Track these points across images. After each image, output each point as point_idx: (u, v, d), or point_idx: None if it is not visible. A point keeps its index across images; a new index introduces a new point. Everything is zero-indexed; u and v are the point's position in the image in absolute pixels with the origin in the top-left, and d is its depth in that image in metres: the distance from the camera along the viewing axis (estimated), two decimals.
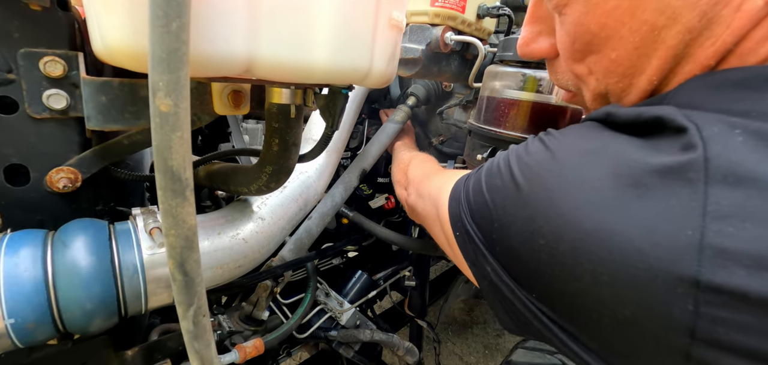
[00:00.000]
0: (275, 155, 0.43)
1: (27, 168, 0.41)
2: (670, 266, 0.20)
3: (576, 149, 0.26)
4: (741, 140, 0.20)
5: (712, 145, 0.20)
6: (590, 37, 0.29)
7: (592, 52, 0.30)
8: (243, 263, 0.47)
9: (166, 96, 0.21)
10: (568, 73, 0.34)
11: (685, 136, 0.21)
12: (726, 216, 0.19)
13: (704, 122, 0.22)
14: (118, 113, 0.36)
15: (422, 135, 0.99)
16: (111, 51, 0.24)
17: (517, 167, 0.29)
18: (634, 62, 0.28)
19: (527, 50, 0.37)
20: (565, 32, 0.31)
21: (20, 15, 0.37)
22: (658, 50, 0.26)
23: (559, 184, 0.25)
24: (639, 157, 0.23)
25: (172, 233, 0.23)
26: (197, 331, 0.27)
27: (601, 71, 0.30)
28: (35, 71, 0.38)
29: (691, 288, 0.19)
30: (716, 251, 0.19)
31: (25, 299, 0.32)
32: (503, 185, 0.29)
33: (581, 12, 0.29)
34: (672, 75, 0.27)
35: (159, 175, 0.22)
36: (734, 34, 0.24)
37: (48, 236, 0.36)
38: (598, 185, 0.23)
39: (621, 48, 0.28)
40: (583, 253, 0.23)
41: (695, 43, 0.25)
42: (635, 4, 0.26)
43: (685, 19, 0.24)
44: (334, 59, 0.30)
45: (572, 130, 0.29)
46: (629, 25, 0.26)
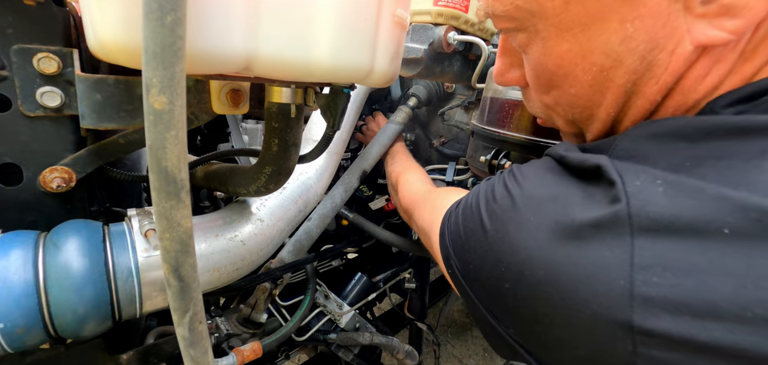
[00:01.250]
0: (275, 155, 0.42)
1: (20, 167, 0.40)
2: (608, 313, 0.22)
3: (534, 198, 0.29)
4: (662, 192, 0.22)
5: (634, 198, 0.23)
6: (550, 75, 0.32)
7: (554, 87, 0.33)
8: (241, 265, 0.46)
9: (160, 93, 0.20)
10: (537, 103, 0.37)
11: (613, 189, 0.24)
12: (649, 266, 0.21)
13: (629, 175, 0.24)
14: (114, 112, 0.35)
15: (423, 136, 0.98)
16: (104, 46, 0.23)
17: (485, 211, 0.32)
18: (591, 97, 0.31)
19: (502, 80, 0.40)
20: (530, 68, 0.34)
21: (14, 10, 0.36)
22: (609, 88, 0.29)
23: (517, 234, 0.28)
24: (579, 210, 0.25)
25: (167, 236, 0.22)
26: (193, 338, 0.26)
27: (565, 104, 0.33)
28: (29, 68, 0.37)
29: (628, 332, 0.21)
30: (644, 299, 0.21)
31: (14, 303, 0.31)
32: (475, 229, 0.32)
33: (540, 53, 0.31)
34: (626, 108, 0.30)
35: (153, 175, 0.21)
36: (673, 74, 0.27)
37: (40, 237, 0.35)
38: (547, 236, 0.26)
39: (578, 85, 0.31)
40: (540, 299, 0.25)
41: (641, 81, 0.28)
42: (585, 49, 0.28)
43: (628, 62, 0.27)
44: (336, 57, 0.29)
45: (533, 172, 0.31)
46: (581, 66, 0.29)
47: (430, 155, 0.97)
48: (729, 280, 0.19)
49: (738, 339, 0.19)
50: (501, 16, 0.32)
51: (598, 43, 0.28)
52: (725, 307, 0.19)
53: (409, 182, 0.70)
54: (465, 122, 0.85)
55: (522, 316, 0.27)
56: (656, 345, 0.21)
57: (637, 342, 0.21)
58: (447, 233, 0.38)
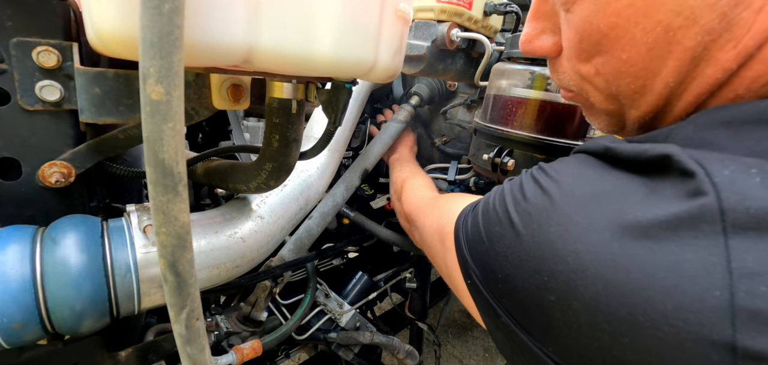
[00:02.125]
0: (275, 151, 0.41)
1: (18, 162, 0.39)
2: (700, 330, 0.18)
3: (576, 195, 0.25)
4: (759, 182, 0.19)
5: (726, 191, 0.19)
6: (599, 37, 0.27)
7: (601, 52, 0.28)
8: (241, 263, 0.45)
9: (157, 83, 0.19)
10: (571, 73, 0.32)
11: (693, 181, 0.20)
12: (755, 274, 0.17)
13: (713, 165, 0.20)
14: (113, 106, 0.35)
15: (425, 135, 0.97)
16: (102, 38, 0.23)
17: (515, 212, 0.27)
18: (648, 64, 0.26)
19: (529, 47, 0.35)
20: (572, 30, 0.29)
21: (13, 3, 0.36)
22: (673, 52, 0.25)
23: (561, 235, 0.24)
24: (644, 206, 0.21)
25: (163, 231, 0.22)
26: (190, 335, 0.26)
27: (610, 73, 0.28)
28: (28, 61, 0.37)
29: (727, 355, 0.17)
30: (751, 315, 0.17)
31: (11, 298, 0.30)
32: (502, 232, 0.28)
33: (590, 10, 0.27)
34: (690, 78, 0.25)
35: (149, 168, 0.21)
36: (756, 38, 0.22)
37: (37, 232, 0.35)
38: (604, 238, 0.22)
39: (632, 49, 0.26)
40: (600, 313, 0.21)
41: (715, 45, 0.23)
42: (649, 4, 0.24)
43: (704, 20, 0.23)
44: (338, 51, 0.29)
45: (569, 168, 0.27)
46: (642, 25, 0.25)
47: (432, 154, 0.97)
48: None
49: None
50: None
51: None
52: None
53: (415, 188, 0.67)
54: (467, 120, 0.85)
55: (570, 334, 0.23)
56: None
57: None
58: (463, 238, 0.33)
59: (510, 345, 0.29)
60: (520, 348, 0.27)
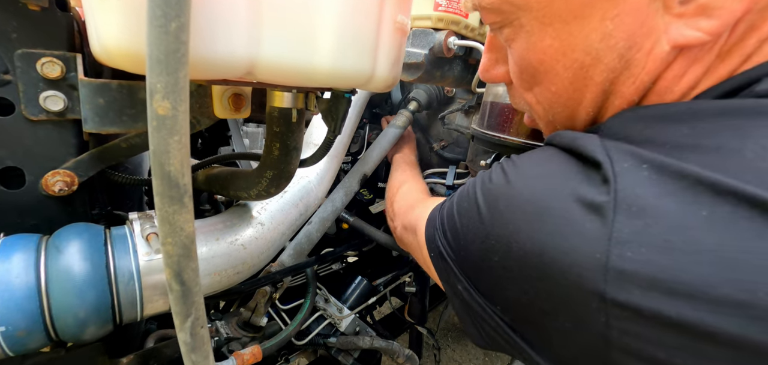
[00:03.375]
0: (276, 159, 0.42)
1: (22, 171, 0.40)
2: (584, 284, 0.23)
3: (526, 176, 0.29)
4: (646, 175, 0.23)
5: (621, 179, 0.23)
6: (533, 71, 0.32)
7: (537, 83, 0.33)
8: (242, 269, 0.46)
9: (164, 98, 0.20)
10: (520, 100, 0.37)
11: (602, 170, 0.24)
12: (626, 242, 0.22)
13: (618, 157, 0.24)
14: (116, 116, 0.36)
15: (423, 140, 0.98)
16: (108, 52, 0.23)
17: (480, 192, 0.32)
18: (571, 94, 0.31)
19: (487, 76, 0.40)
20: (514, 63, 0.34)
21: (18, 15, 0.36)
22: (588, 86, 0.30)
23: (508, 208, 0.28)
24: (573, 186, 0.26)
25: (169, 241, 0.22)
26: (195, 343, 0.26)
27: (546, 101, 0.34)
28: (32, 72, 0.37)
29: (601, 303, 0.22)
30: (617, 273, 0.22)
31: (16, 306, 0.31)
32: (469, 208, 0.33)
33: (523, 48, 0.32)
34: (604, 109, 0.31)
35: (156, 180, 0.21)
36: (650, 74, 0.27)
37: (42, 241, 0.35)
38: (538, 209, 0.26)
39: (558, 82, 0.31)
40: (526, 269, 0.26)
41: (618, 80, 0.29)
42: (566, 45, 0.29)
43: (607, 60, 0.28)
44: (338, 62, 0.30)
45: (529, 155, 0.32)
46: (563, 62, 0.30)
47: (431, 159, 0.97)
48: (701, 260, 0.20)
49: (704, 317, 0.19)
50: (487, 9, 0.32)
51: (579, 40, 0.28)
52: (694, 285, 0.20)
53: (409, 190, 0.70)
54: (465, 125, 0.86)
55: (509, 289, 0.28)
56: (626, 318, 0.21)
57: (609, 314, 0.22)
58: (437, 219, 0.38)
59: (465, 309, 0.34)
60: (473, 312, 0.33)
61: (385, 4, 0.30)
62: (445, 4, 0.63)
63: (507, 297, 0.29)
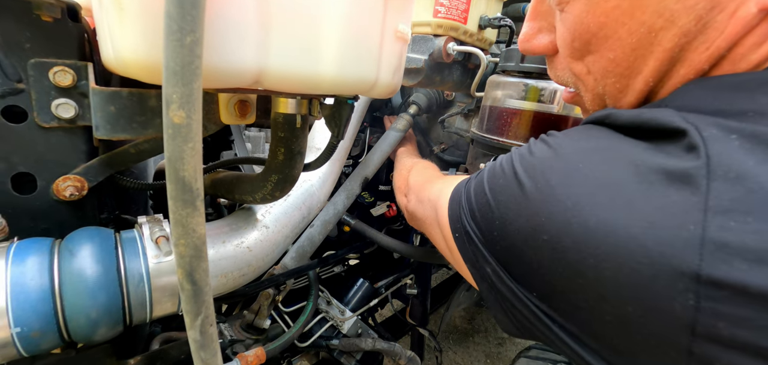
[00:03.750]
0: (281, 164, 0.43)
1: (34, 176, 0.41)
2: (671, 261, 0.20)
3: (579, 147, 0.27)
4: (737, 145, 0.21)
5: (712, 143, 0.21)
6: (589, 36, 0.29)
7: (591, 51, 0.30)
8: (247, 271, 0.47)
9: (180, 108, 0.21)
10: (566, 71, 0.34)
11: (687, 138, 0.22)
12: (728, 211, 0.19)
13: (702, 123, 0.22)
14: (127, 123, 0.37)
15: (423, 143, 0.99)
16: (124, 63, 0.25)
17: (520, 166, 0.29)
18: (632, 63, 0.28)
19: (528, 46, 0.37)
20: (565, 29, 0.32)
21: (32, 26, 0.38)
22: (654, 52, 0.27)
23: (562, 181, 0.25)
24: (645, 156, 0.23)
25: (182, 242, 0.23)
26: (204, 341, 0.27)
27: (599, 71, 0.31)
28: (45, 81, 0.38)
29: (692, 283, 0.19)
30: (718, 245, 0.19)
31: (31, 307, 0.32)
32: (506, 184, 0.29)
33: (582, 10, 0.29)
34: (667, 78, 0.28)
35: (170, 185, 0.22)
36: (728, 39, 0.24)
37: (54, 244, 0.36)
38: (602, 182, 0.23)
39: (619, 48, 0.28)
40: (588, 248, 0.23)
41: (690, 46, 0.26)
42: (635, 5, 0.26)
43: (682, 22, 0.25)
44: (342, 71, 0.31)
45: (574, 131, 0.29)
46: (628, 26, 0.27)
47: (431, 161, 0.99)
48: None
49: None
50: None
51: (651, 0, 0.25)
52: None
53: (424, 166, 0.68)
54: (465, 128, 0.87)
55: (556, 272, 0.25)
56: (725, 299, 0.19)
57: (701, 296, 0.19)
58: (463, 197, 0.35)
59: (494, 294, 0.31)
60: (504, 298, 0.30)
61: (387, 14, 0.31)
62: (445, 10, 0.64)
63: (551, 283, 0.25)
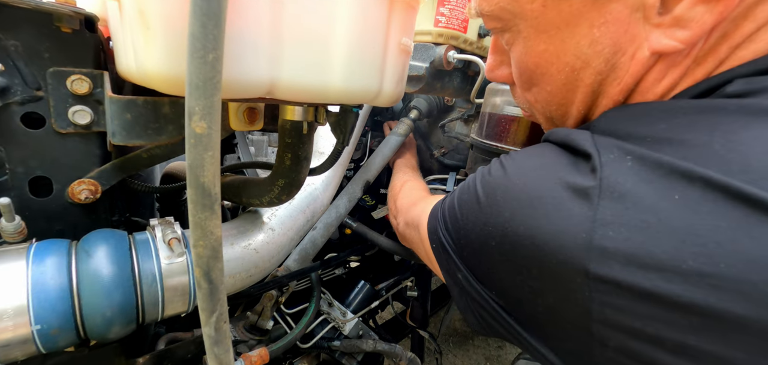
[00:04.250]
0: (287, 168, 0.45)
1: (50, 180, 0.42)
2: (571, 262, 0.25)
3: (524, 166, 0.32)
4: (629, 165, 0.25)
5: (607, 168, 0.26)
6: (530, 73, 0.35)
7: (534, 84, 0.36)
8: (254, 272, 0.48)
9: (201, 119, 0.23)
10: (522, 99, 0.41)
11: (591, 161, 0.27)
12: (608, 223, 0.24)
13: (605, 149, 0.27)
14: (142, 130, 0.38)
15: (424, 147, 1.01)
16: (147, 75, 0.26)
17: (480, 184, 0.35)
18: (564, 95, 0.34)
19: (492, 76, 0.43)
20: (514, 65, 0.38)
21: (51, 36, 0.39)
22: (579, 87, 0.33)
23: (505, 197, 0.31)
24: (565, 173, 0.28)
25: (201, 244, 0.25)
26: (218, 337, 0.29)
27: (542, 101, 0.37)
28: (62, 89, 0.40)
29: (585, 279, 0.25)
30: (600, 250, 0.24)
31: (50, 306, 0.33)
32: (469, 199, 0.35)
33: (521, 52, 0.35)
34: (594, 106, 0.34)
35: (191, 190, 0.24)
36: (633, 76, 0.30)
37: (71, 245, 0.38)
38: (533, 196, 0.29)
39: (553, 84, 0.34)
40: (520, 251, 0.29)
41: (606, 82, 0.32)
42: (559, 49, 0.32)
43: (595, 63, 0.31)
44: (348, 82, 0.33)
45: (530, 149, 0.34)
46: (556, 65, 0.33)
47: (431, 166, 1.00)
48: (672, 237, 0.22)
49: (674, 288, 0.22)
50: (488, 16, 0.35)
51: (569, 45, 0.31)
52: (666, 260, 0.22)
53: (412, 188, 0.73)
54: (465, 133, 0.89)
55: (504, 272, 0.31)
56: (607, 292, 0.24)
57: (592, 288, 0.24)
58: (439, 212, 0.41)
59: (464, 297, 0.37)
60: (472, 299, 0.35)
61: (391, 29, 0.33)
62: (445, 20, 0.66)
63: (502, 280, 0.31)
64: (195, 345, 0.58)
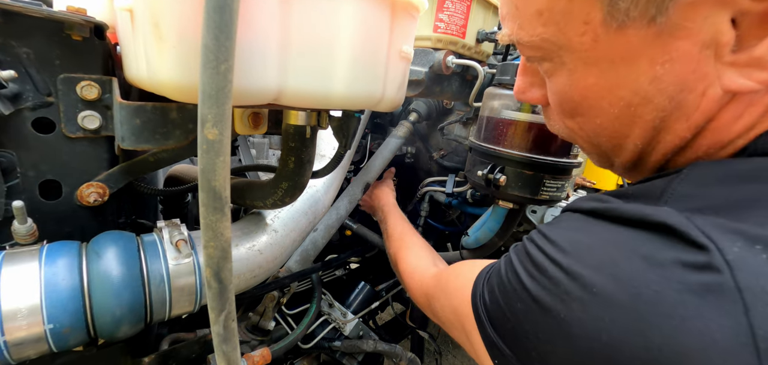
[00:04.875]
0: (291, 171, 0.46)
1: (60, 183, 0.44)
2: None
3: (593, 259, 0.25)
4: (765, 258, 0.20)
5: (739, 271, 0.20)
6: (575, 104, 0.32)
7: (579, 115, 0.32)
8: (258, 273, 0.49)
9: (213, 126, 0.24)
10: (559, 124, 0.36)
11: (705, 254, 0.21)
12: None
13: (723, 241, 0.21)
14: (150, 134, 0.40)
15: (424, 149, 1.02)
16: (160, 83, 0.28)
17: (532, 285, 0.28)
18: (617, 129, 0.30)
19: (523, 98, 0.39)
20: (552, 94, 0.34)
21: (62, 44, 0.40)
22: (636, 122, 0.29)
23: (585, 309, 0.24)
24: (670, 274, 0.22)
25: (211, 245, 0.26)
26: (227, 334, 0.30)
27: (589, 131, 0.33)
28: (72, 95, 0.41)
29: None
30: None
31: (62, 305, 0.34)
32: (527, 309, 0.28)
33: (565, 83, 0.31)
34: (655, 142, 0.30)
35: (203, 193, 0.25)
36: (704, 114, 0.27)
37: (81, 247, 0.39)
38: (638, 305, 0.22)
39: (604, 116, 0.30)
40: None
41: (670, 119, 0.28)
42: (612, 84, 0.28)
43: (657, 101, 0.27)
44: (352, 88, 0.34)
45: (570, 234, 0.28)
46: (608, 99, 0.29)
47: (431, 168, 1.02)
48: None
49: None
50: (527, 45, 0.31)
51: (626, 81, 0.27)
52: None
53: (411, 263, 0.65)
54: (463, 136, 0.90)
55: None
56: None
57: None
58: (484, 318, 0.33)
59: None
60: None
61: (393, 38, 0.35)
62: (444, 26, 0.67)
63: None
64: (199, 345, 0.59)
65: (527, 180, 0.61)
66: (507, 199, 0.66)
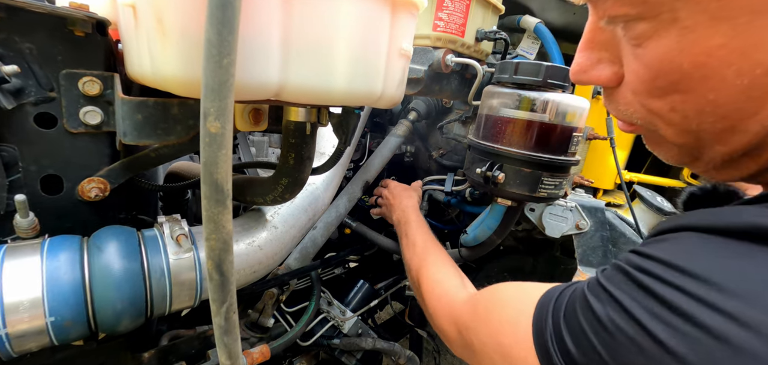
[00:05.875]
0: (291, 168, 0.46)
1: (61, 178, 0.44)
2: None
3: (739, 293, 0.20)
4: None
5: None
6: (679, 76, 0.25)
7: (679, 91, 0.25)
8: (258, 269, 0.50)
9: (216, 119, 0.24)
10: (636, 106, 0.29)
11: None
12: None
13: None
14: (152, 130, 0.40)
15: (423, 148, 1.03)
16: (163, 78, 0.28)
17: (655, 325, 0.22)
18: (741, 105, 0.24)
19: (584, 77, 0.32)
20: (642, 66, 0.27)
21: (64, 40, 0.41)
22: None
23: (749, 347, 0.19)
24: None
25: (213, 237, 0.27)
26: (228, 326, 0.30)
27: (691, 110, 0.26)
28: (74, 90, 0.42)
29: None
30: None
31: (63, 298, 0.35)
32: (647, 361, 0.22)
33: (672, 48, 0.24)
34: None
35: (205, 186, 0.26)
36: None
37: (83, 241, 0.39)
38: None
39: (722, 90, 0.24)
40: None
41: None
42: (749, 44, 0.22)
43: None
44: (351, 85, 0.34)
45: (714, 256, 0.23)
46: (737, 66, 0.23)
47: (430, 166, 1.02)
48: None
49: None
50: (621, 1, 0.25)
51: None
52: None
53: (436, 283, 0.57)
54: (462, 134, 0.91)
55: None
56: None
57: None
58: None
59: None
60: None
61: (392, 35, 0.35)
62: (443, 24, 0.68)
63: None
64: (199, 341, 0.59)
65: (525, 178, 0.62)
66: (505, 196, 0.66)
